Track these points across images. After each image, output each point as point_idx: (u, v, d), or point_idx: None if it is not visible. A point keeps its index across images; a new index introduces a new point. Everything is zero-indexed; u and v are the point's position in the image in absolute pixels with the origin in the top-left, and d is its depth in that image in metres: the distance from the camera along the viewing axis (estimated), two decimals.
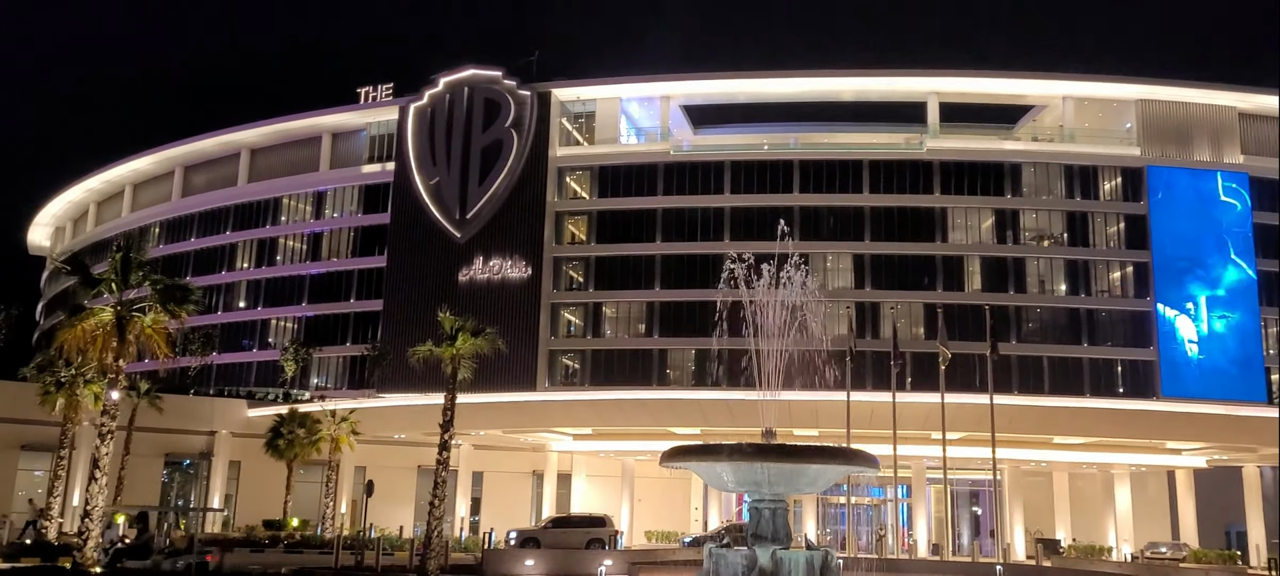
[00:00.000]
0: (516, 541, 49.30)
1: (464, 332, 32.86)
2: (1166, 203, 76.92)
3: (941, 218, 77.60)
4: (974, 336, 62.02)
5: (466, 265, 78.27)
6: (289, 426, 58.14)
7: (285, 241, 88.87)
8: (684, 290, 75.83)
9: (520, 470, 73.27)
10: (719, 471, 10.29)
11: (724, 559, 9.77)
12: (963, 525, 72.21)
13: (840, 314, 73.09)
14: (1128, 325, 75.96)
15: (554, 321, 80.00)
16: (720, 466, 10.15)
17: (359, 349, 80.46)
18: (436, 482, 32.41)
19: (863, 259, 77.20)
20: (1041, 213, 78.49)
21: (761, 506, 9.99)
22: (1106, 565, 54.03)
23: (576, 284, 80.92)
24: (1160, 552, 59.08)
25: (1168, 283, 75.77)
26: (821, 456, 9.74)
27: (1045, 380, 72.76)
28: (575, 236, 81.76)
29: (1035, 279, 77.58)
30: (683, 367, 76.58)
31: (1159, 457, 64.89)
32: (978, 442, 53.01)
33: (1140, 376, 74.27)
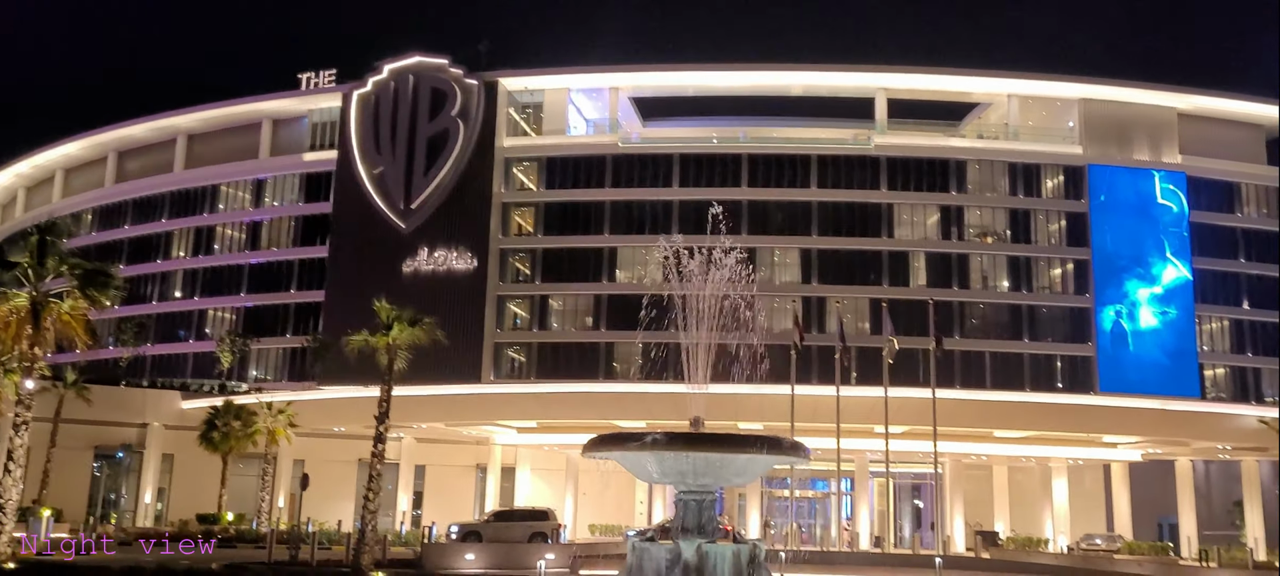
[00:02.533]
0: (458, 535, 48.62)
1: (400, 322, 32.15)
2: (1107, 202, 78.16)
3: (888, 213, 78.09)
4: (918, 331, 62.41)
5: (411, 256, 77.15)
6: (224, 418, 56.87)
7: (223, 230, 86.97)
8: (632, 283, 75.49)
9: (464, 464, 72.42)
10: (643, 462, 9.90)
11: (647, 553, 9.39)
12: (904, 518, 72.81)
13: (787, 308, 73.38)
14: (1067, 321, 77.11)
15: (500, 314, 79.20)
16: (644, 456, 9.76)
17: (299, 340, 78.98)
18: (371, 476, 31.72)
19: (810, 254, 77.42)
20: (985, 210, 79.31)
21: (687, 498, 9.62)
22: (1043, 556, 54.75)
23: (523, 276, 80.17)
24: (1095, 544, 59.99)
25: (1107, 280, 77.03)
26: (748, 446, 9.39)
27: (987, 375, 73.55)
28: (522, 228, 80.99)
29: (978, 275, 78.43)
30: (630, 361, 76.21)
31: (1096, 451, 65.91)
32: (920, 436, 53.36)
33: (1079, 372, 75.44)
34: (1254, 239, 79.70)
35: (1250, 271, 78.98)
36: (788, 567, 34.88)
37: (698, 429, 9.96)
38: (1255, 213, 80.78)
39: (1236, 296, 78.90)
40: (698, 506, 9.67)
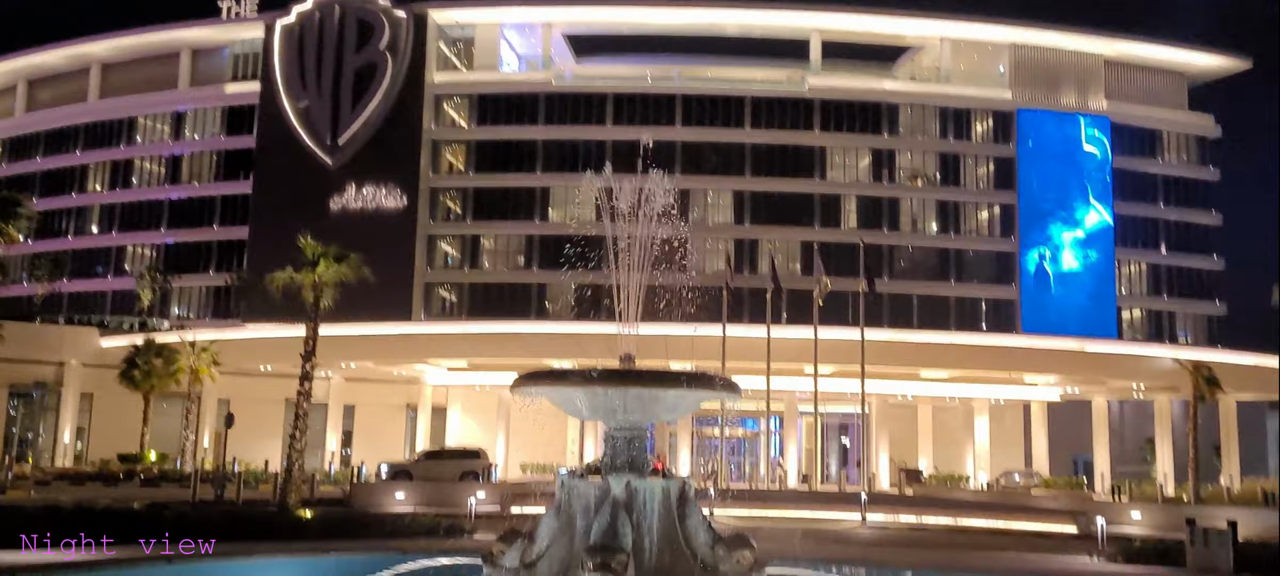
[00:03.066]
0: (388, 474, 48.37)
1: (326, 259, 31.45)
2: (1034, 147, 79.51)
3: (821, 156, 78.47)
4: (849, 273, 63.04)
5: (339, 193, 75.55)
6: (145, 357, 55.43)
7: (142, 163, 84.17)
8: (564, 223, 74.95)
9: (394, 403, 71.76)
10: (573, 398, 9.74)
11: (576, 489, 9.26)
12: (831, 456, 74.20)
13: (719, 249, 73.65)
14: (993, 264, 78.68)
15: (430, 252, 78.19)
16: (574, 393, 9.59)
17: (223, 278, 77.17)
18: (298, 415, 31.19)
19: (743, 195, 77.60)
20: (916, 153, 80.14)
21: (617, 435, 9.50)
22: (963, 493, 56.27)
23: (454, 215, 79.10)
24: (1013, 480, 61.78)
25: (1032, 224, 78.63)
26: (678, 382, 9.26)
27: (914, 316, 74.82)
28: (453, 166, 79.73)
29: (908, 218, 79.44)
30: (562, 301, 75.94)
31: (1017, 391, 67.68)
32: (848, 376, 54.12)
33: (1003, 313, 77.18)
34: (1173, 185, 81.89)
35: (1169, 217, 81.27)
36: (717, 504, 35.28)
37: (628, 365, 9.81)
38: (1175, 159, 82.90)
39: (1155, 241, 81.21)
40: (628, 443, 9.56)
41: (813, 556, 15.82)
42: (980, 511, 41.41)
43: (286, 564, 13.63)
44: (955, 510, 40.83)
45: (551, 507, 9.70)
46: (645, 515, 9.33)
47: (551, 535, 9.51)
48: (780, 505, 40.91)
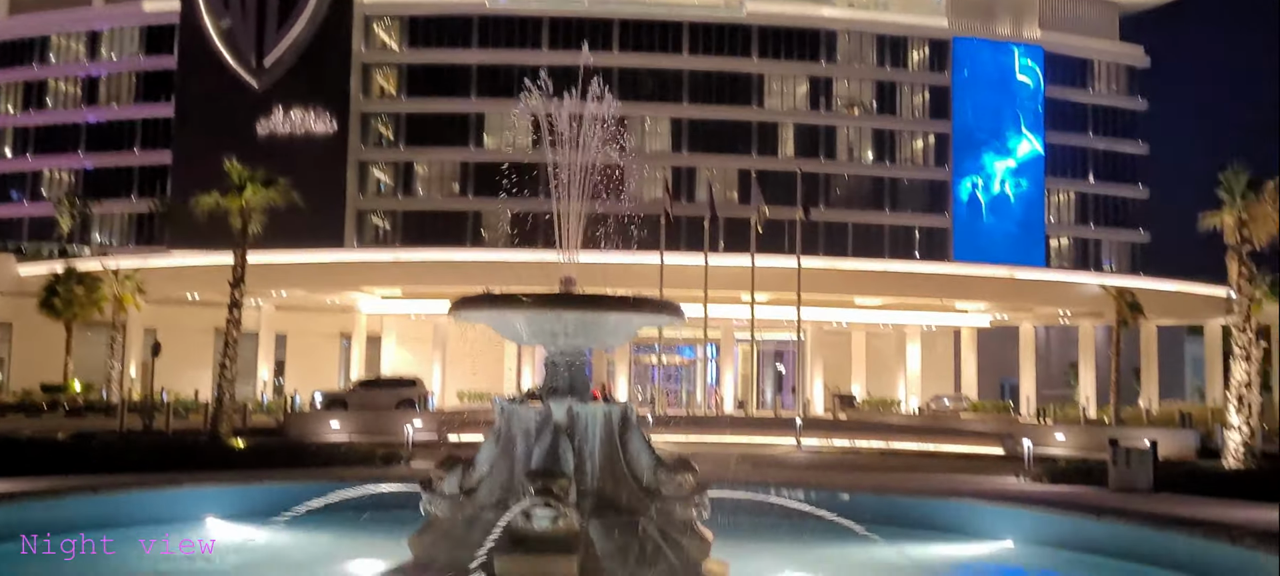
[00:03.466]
0: (322, 403, 47.83)
1: (253, 183, 30.45)
2: (969, 77, 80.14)
3: (758, 83, 78.24)
4: (785, 201, 63.28)
5: (265, 117, 73.48)
6: (66, 284, 53.63)
7: (56, 84, 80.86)
8: (500, 149, 73.93)
9: (327, 332, 70.73)
10: (512, 322, 9.55)
11: (516, 415, 9.12)
12: (767, 382, 75.16)
13: (657, 177, 73.31)
14: (927, 193, 79.63)
15: (362, 179, 76.71)
16: (513, 317, 9.39)
17: (146, 204, 74.92)
18: (227, 343, 30.45)
19: (681, 122, 77.21)
20: (853, 81, 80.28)
21: (558, 359, 9.35)
22: (895, 417, 57.50)
23: (386, 140, 77.55)
24: (943, 405, 63.30)
25: (965, 153, 79.57)
26: (621, 305, 9.13)
27: (849, 244, 75.62)
28: (385, 90, 77.95)
29: (845, 147, 79.84)
30: (498, 229, 75.22)
31: (948, 317, 68.97)
32: (784, 303, 54.60)
33: (935, 241, 78.37)
34: (1103, 115, 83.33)
35: (1098, 146, 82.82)
36: (655, 430, 35.51)
37: (569, 289, 9.63)
38: (1105, 89, 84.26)
39: (1084, 170, 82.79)
40: (568, 367, 9.42)
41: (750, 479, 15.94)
42: (911, 435, 42.27)
43: (217, 493, 13.34)
44: (887, 434, 41.62)
45: (490, 433, 9.55)
46: (587, 440, 9.23)
47: (491, 461, 9.38)
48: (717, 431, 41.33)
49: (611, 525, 8.84)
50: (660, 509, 9.20)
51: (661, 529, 9.05)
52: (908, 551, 11.22)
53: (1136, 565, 10.99)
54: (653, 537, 8.91)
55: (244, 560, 10.54)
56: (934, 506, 13.90)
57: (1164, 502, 15.65)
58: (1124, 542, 11.38)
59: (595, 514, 8.83)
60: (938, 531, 13.12)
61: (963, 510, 13.58)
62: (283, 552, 10.95)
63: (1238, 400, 28.08)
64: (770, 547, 11.50)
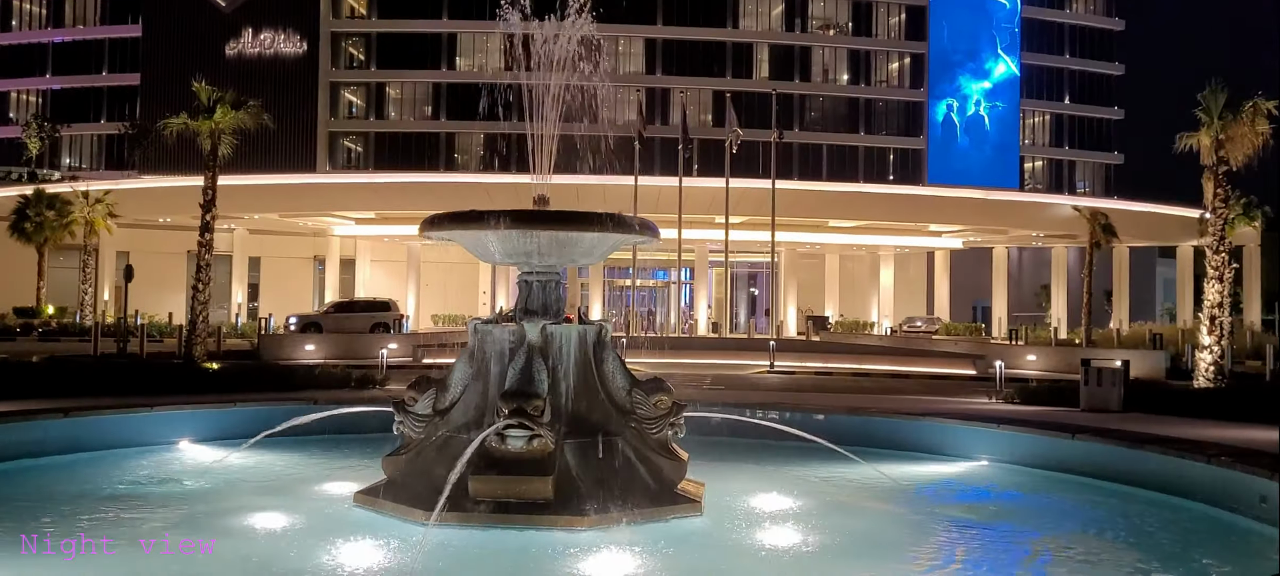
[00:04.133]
0: (297, 326, 47.66)
1: (223, 105, 29.86)
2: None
3: (733, 4, 77.21)
4: (760, 123, 62.95)
5: (235, 38, 71.96)
6: (36, 208, 52.86)
7: (21, 4, 78.67)
8: (473, 71, 72.85)
9: (301, 255, 70.23)
10: (485, 241, 9.41)
11: (490, 335, 9.04)
12: (740, 305, 75.48)
13: (630, 99, 72.52)
14: (902, 115, 79.37)
15: (334, 101, 75.50)
16: (486, 235, 9.26)
17: (116, 127, 73.53)
18: (200, 266, 30.14)
19: (655, 43, 76.25)
20: (829, 2, 79.37)
21: (531, 279, 9.24)
22: (868, 338, 57.91)
23: (358, 62, 76.20)
24: (916, 326, 63.77)
25: (941, 75, 79.17)
26: (596, 223, 9.00)
27: (824, 166, 75.47)
28: (356, 10, 76.38)
29: (820, 68, 79.22)
30: (471, 152, 74.49)
31: (921, 240, 69.24)
32: (758, 226, 54.61)
33: (910, 164, 78.33)
34: (1079, 35, 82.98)
35: (1073, 67, 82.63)
36: (628, 353, 35.61)
37: (542, 207, 9.49)
38: (1083, 9, 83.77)
39: (1059, 91, 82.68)
40: (542, 287, 9.32)
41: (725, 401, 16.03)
42: (884, 356, 42.64)
43: (190, 415, 13.22)
44: (860, 356, 41.97)
45: (464, 354, 9.47)
46: (561, 360, 9.16)
47: (464, 382, 9.30)
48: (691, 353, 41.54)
49: (586, 445, 8.82)
50: (636, 429, 9.18)
51: (637, 449, 9.04)
52: (883, 470, 11.30)
53: (1110, 484, 11.12)
54: (628, 458, 8.90)
55: (215, 482, 10.46)
56: (909, 426, 14.00)
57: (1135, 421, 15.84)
58: (1098, 461, 11.49)
59: (570, 434, 8.80)
60: (912, 451, 13.23)
61: (937, 430, 13.68)
62: (256, 474, 10.89)
63: (1210, 321, 28.45)
64: (746, 468, 11.57)
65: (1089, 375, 20.74)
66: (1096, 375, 20.71)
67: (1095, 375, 20.72)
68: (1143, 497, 10.55)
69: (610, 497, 8.43)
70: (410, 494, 8.56)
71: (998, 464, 12.49)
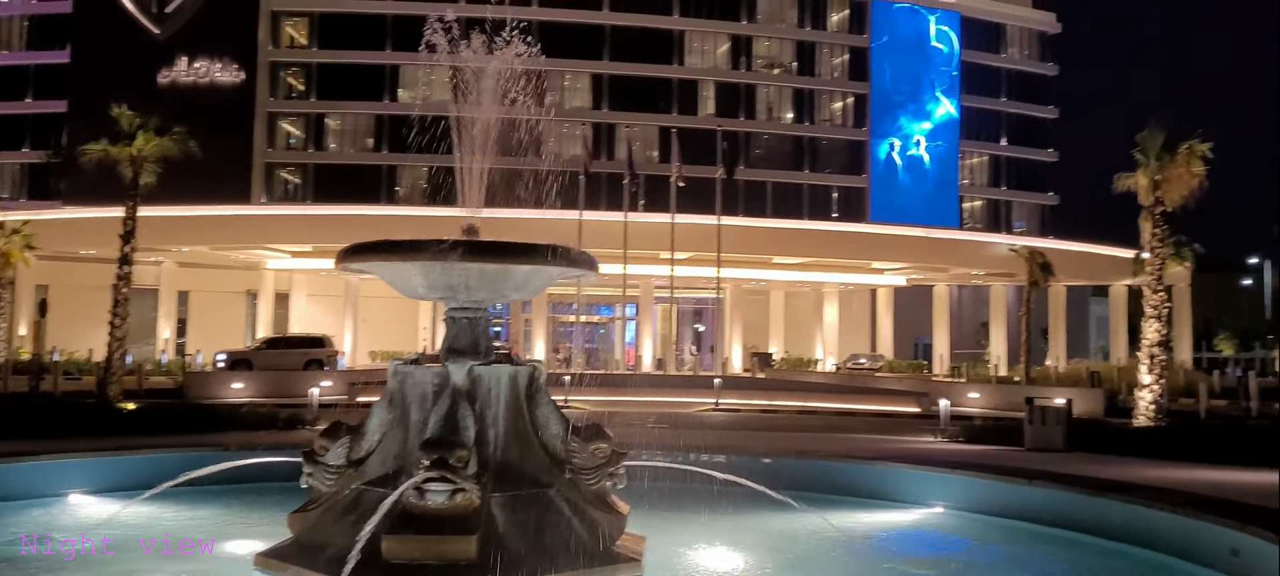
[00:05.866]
0: (225, 363, 46.14)
1: (147, 131, 28.68)
2: (888, 39, 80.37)
3: (679, 41, 77.34)
4: (706, 160, 62.81)
5: (168, 66, 70.17)
6: None
7: None
8: (415, 103, 71.83)
9: (233, 289, 68.30)
10: (407, 274, 8.63)
11: (410, 378, 8.26)
12: (686, 341, 75.02)
13: (576, 133, 71.99)
14: (845, 153, 79.92)
15: (272, 132, 73.97)
16: (409, 268, 8.48)
17: (40, 155, 71.15)
18: (117, 300, 28.80)
19: (601, 79, 75.99)
20: (774, 41, 79.90)
21: (458, 316, 8.50)
22: (812, 375, 57.78)
23: (297, 92, 74.81)
24: (860, 363, 63.84)
25: (883, 115, 79.97)
26: (530, 255, 8.28)
27: (768, 203, 75.51)
28: (295, 40, 75.05)
29: (764, 106, 79.56)
30: (414, 185, 73.34)
31: (865, 277, 69.51)
32: (704, 262, 54.29)
33: (853, 201, 78.78)
34: (1016, 79, 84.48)
35: (1010, 110, 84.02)
36: (572, 390, 34.80)
37: (472, 237, 8.73)
38: (1018, 54, 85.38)
39: (996, 133, 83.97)
40: (470, 324, 8.57)
41: (669, 443, 15.29)
42: (829, 394, 42.36)
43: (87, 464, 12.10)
44: (805, 393, 41.63)
45: (383, 398, 8.64)
46: (490, 404, 8.39)
47: (383, 429, 8.48)
48: (635, 390, 40.80)
49: (516, 499, 8.04)
50: (571, 480, 8.44)
51: (572, 502, 8.30)
52: (835, 519, 10.67)
53: (1071, 533, 10.60)
54: (562, 512, 8.15)
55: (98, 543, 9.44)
56: (859, 470, 13.41)
57: (1082, 462, 15.45)
58: (1057, 508, 10.97)
59: (498, 487, 8.03)
60: (864, 497, 12.64)
61: (889, 475, 13.11)
62: (149, 532, 9.88)
63: (1150, 359, 28.41)
64: (690, 518, 10.86)
65: (1033, 414, 20.48)
66: (1041, 414, 20.45)
67: (1039, 414, 20.46)
68: (1106, 548, 10.04)
69: (541, 557, 7.66)
70: (318, 555, 7.70)
71: (953, 511, 11.94)
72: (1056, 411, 20.56)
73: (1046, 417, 20.43)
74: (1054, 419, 20.39)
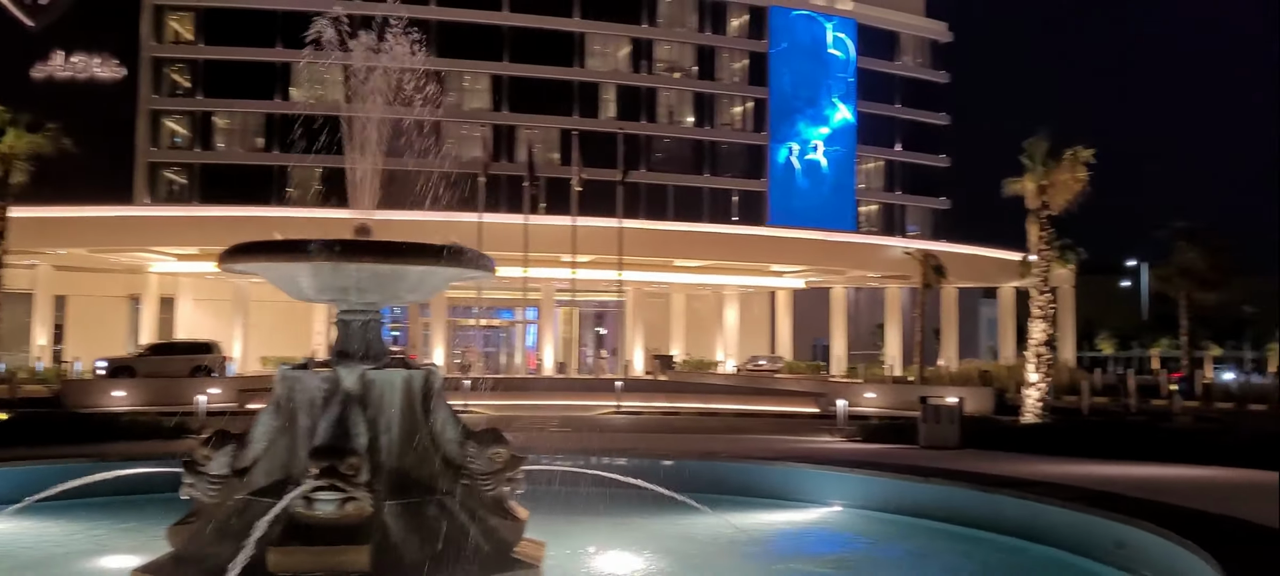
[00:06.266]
0: (106, 371, 44.20)
1: (17, 128, 27.27)
2: (787, 47, 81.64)
3: (580, 43, 77.14)
4: (607, 163, 62.80)
5: (43, 60, 66.96)
6: None
7: None
8: (308, 102, 70.00)
9: (114, 294, 65.50)
10: (294, 275, 8.26)
11: (299, 383, 7.92)
12: (587, 344, 74.84)
13: (475, 135, 71.25)
14: (745, 158, 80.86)
15: (155, 130, 71.23)
16: (295, 269, 8.12)
17: None
18: None
19: (501, 80, 75.29)
20: (674, 45, 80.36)
21: (350, 319, 8.18)
22: (713, 377, 58.22)
23: (183, 89, 72.18)
24: (759, 365, 64.58)
25: (782, 120, 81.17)
26: (424, 255, 8.02)
27: (670, 207, 75.87)
28: (181, 36, 72.41)
29: (665, 110, 79.95)
30: (308, 186, 71.42)
31: (764, 280, 70.38)
32: (605, 265, 54.22)
33: (752, 205, 79.75)
34: (909, 86, 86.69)
35: (904, 116, 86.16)
36: (472, 395, 34.34)
37: (364, 237, 8.42)
38: (912, 61, 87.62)
39: (891, 139, 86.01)
40: (362, 327, 8.27)
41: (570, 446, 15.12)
42: (730, 395, 42.73)
43: None
44: (706, 395, 41.91)
45: (270, 404, 8.26)
46: (383, 410, 8.09)
47: (269, 436, 8.10)
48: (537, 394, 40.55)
49: (411, 507, 7.77)
50: (468, 486, 8.20)
51: (469, 508, 8.06)
52: (736, 520, 10.64)
53: (966, 529, 10.78)
54: (459, 520, 7.90)
55: None
56: (759, 471, 13.45)
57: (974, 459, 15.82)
58: (952, 505, 11.16)
59: (392, 495, 7.74)
60: (764, 497, 12.67)
61: (789, 475, 13.18)
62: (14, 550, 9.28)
63: (1037, 358, 29.38)
64: (590, 521, 10.71)
65: (927, 412, 20.95)
66: (934, 412, 20.93)
67: (933, 412, 20.93)
68: (1000, 543, 10.23)
69: (437, 566, 7.41)
70: (199, 569, 7.30)
71: (851, 509, 12.06)
72: (949, 410, 21.08)
73: (940, 416, 20.92)
74: (947, 417, 20.90)
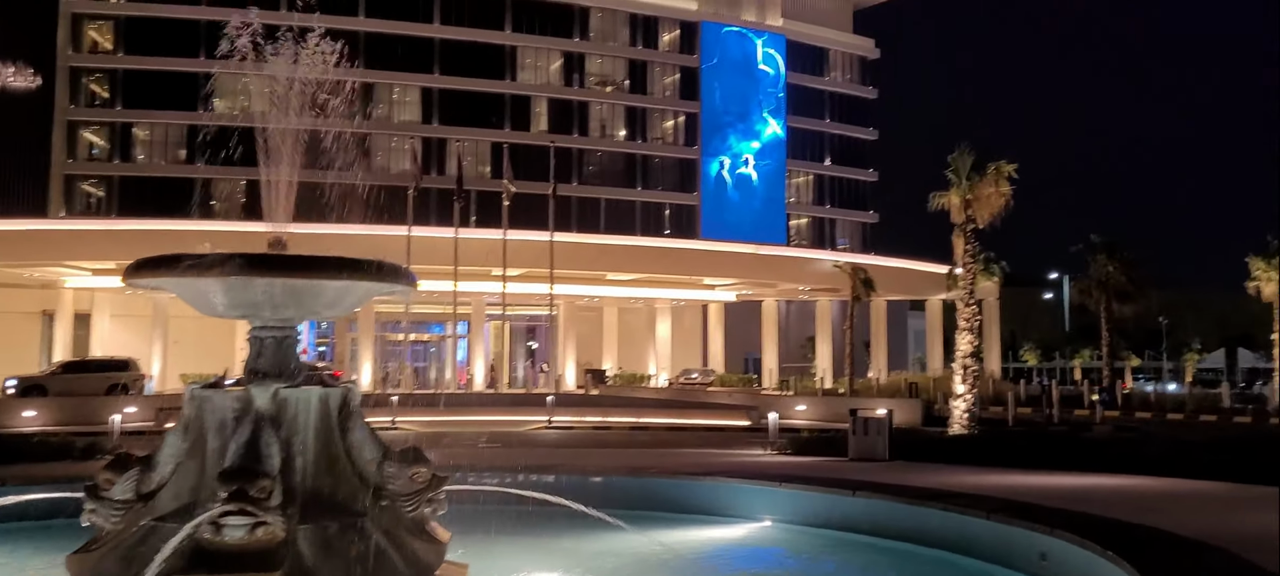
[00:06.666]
0: (15, 390, 42.61)
1: None
2: (718, 62, 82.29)
3: (511, 56, 76.80)
4: (538, 176, 62.49)
5: None
6: None
7: None
8: (232, 113, 68.50)
9: (26, 310, 63.14)
10: (205, 290, 7.93)
11: (208, 403, 7.59)
12: (519, 359, 74.26)
13: (405, 148, 70.44)
14: (676, 171, 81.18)
15: (72, 142, 69.15)
16: (206, 283, 7.80)
17: None
18: None
19: (431, 93, 74.61)
20: (606, 59, 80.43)
21: (263, 335, 7.89)
22: (645, 391, 58.10)
23: (101, 100, 70.17)
24: (692, 378, 64.67)
25: (713, 134, 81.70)
26: (341, 270, 7.75)
27: (601, 220, 75.79)
28: (99, 45, 70.43)
29: (597, 123, 79.93)
30: (232, 199, 69.89)
31: (696, 293, 70.57)
32: (536, 279, 53.88)
33: (685, 218, 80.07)
34: (838, 101, 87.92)
35: (833, 131, 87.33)
36: (399, 411, 33.77)
37: (279, 250, 8.13)
38: (841, 77, 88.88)
39: (820, 154, 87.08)
40: (277, 344, 7.99)
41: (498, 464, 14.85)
42: (662, 409, 42.68)
43: None
44: (638, 409, 41.79)
45: (177, 425, 7.92)
46: (298, 430, 7.81)
47: (177, 459, 7.76)
48: (467, 409, 40.02)
49: (326, 531, 7.48)
50: (388, 508, 7.95)
51: (389, 531, 7.80)
52: (665, 537, 10.51)
53: (894, 543, 10.79)
54: (378, 543, 7.64)
55: None
56: (689, 487, 13.34)
57: (903, 471, 15.92)
58: (880, 519, 11.17)
59: (306, 519, 7.45)
60: (694, 513, 12.56)
61: (718, 490, 13.10)
62: None
63: (963, 370, 29.82)
64: (515, 541, 10.49)
65: (857, 425, 21.06)
66: (863, 425, 21.05)
67: (862, 425, 21.06)
68: (927, 557, 10.26)
69: None
70: None
71: (781, 524, 12.01)
72: (878, 422, 21.23)
73: (869, 428, 21.06)
74: (877, 429, 21.04)
